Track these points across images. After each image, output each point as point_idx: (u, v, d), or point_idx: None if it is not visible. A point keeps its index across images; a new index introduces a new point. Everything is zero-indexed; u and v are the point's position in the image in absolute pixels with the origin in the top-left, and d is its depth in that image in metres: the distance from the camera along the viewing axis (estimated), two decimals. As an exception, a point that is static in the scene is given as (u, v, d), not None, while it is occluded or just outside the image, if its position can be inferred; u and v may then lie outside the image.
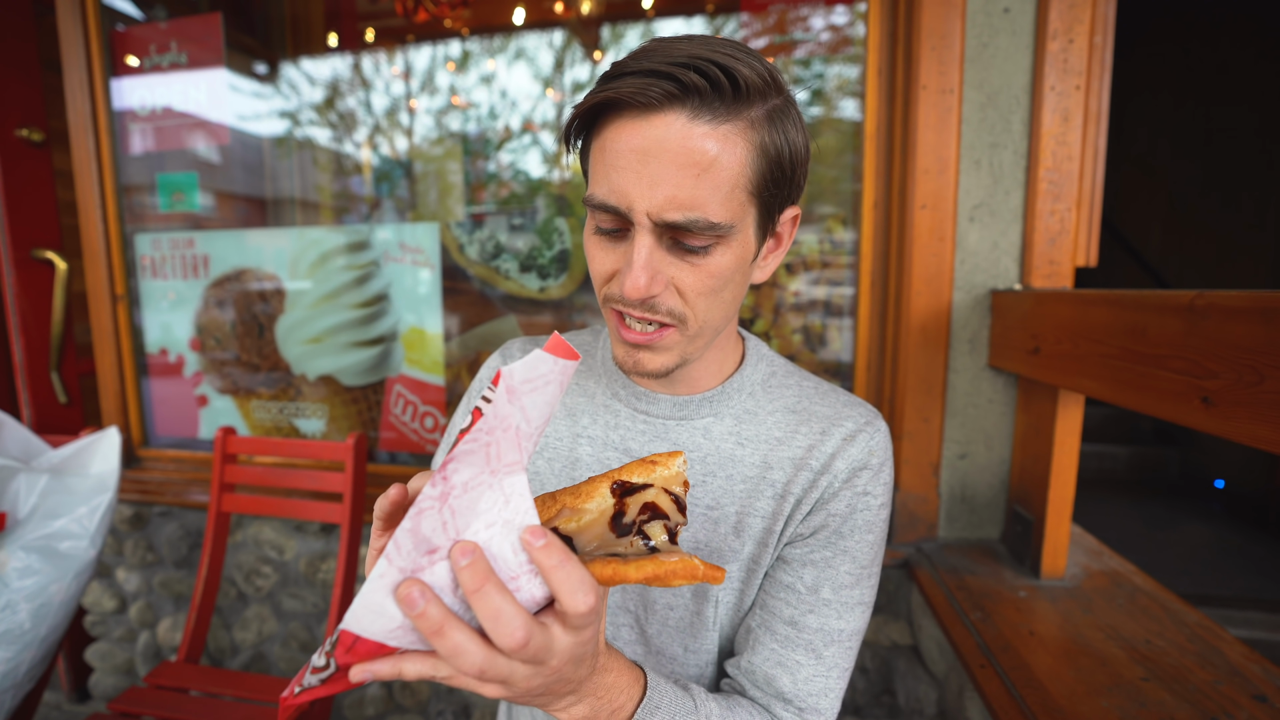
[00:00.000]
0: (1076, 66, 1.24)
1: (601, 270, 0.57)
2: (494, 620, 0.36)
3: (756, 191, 0.54)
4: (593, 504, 0.44)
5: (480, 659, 0.37)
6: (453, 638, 0.36)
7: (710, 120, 0.50)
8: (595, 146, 0.55)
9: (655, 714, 0.50)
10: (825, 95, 1.49)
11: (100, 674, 2.00)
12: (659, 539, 0.43)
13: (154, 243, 1.89)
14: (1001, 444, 1.36)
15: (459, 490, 0.35)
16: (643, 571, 0.39)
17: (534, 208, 1.69)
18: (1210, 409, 0.77)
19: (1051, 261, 1.29)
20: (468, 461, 0.35)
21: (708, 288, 0.54)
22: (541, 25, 1.73)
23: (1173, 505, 3.31)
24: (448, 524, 0.35)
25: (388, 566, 0.35)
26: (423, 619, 0.35)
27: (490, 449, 0.35)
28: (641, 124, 0.50)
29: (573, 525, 0.43)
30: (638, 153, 0.50)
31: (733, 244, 0.54)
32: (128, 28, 1.86)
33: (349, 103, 1.87)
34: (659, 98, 0.48)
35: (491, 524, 0.36)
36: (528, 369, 0.35)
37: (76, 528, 1.36)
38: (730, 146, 0.50)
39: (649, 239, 0.52)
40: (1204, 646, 1.01)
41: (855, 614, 0.62)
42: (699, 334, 0.57)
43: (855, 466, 0.61)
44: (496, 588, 0.36)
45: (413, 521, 0.34)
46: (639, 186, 0.50)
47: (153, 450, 1.96)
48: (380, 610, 0.35)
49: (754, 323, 1.57)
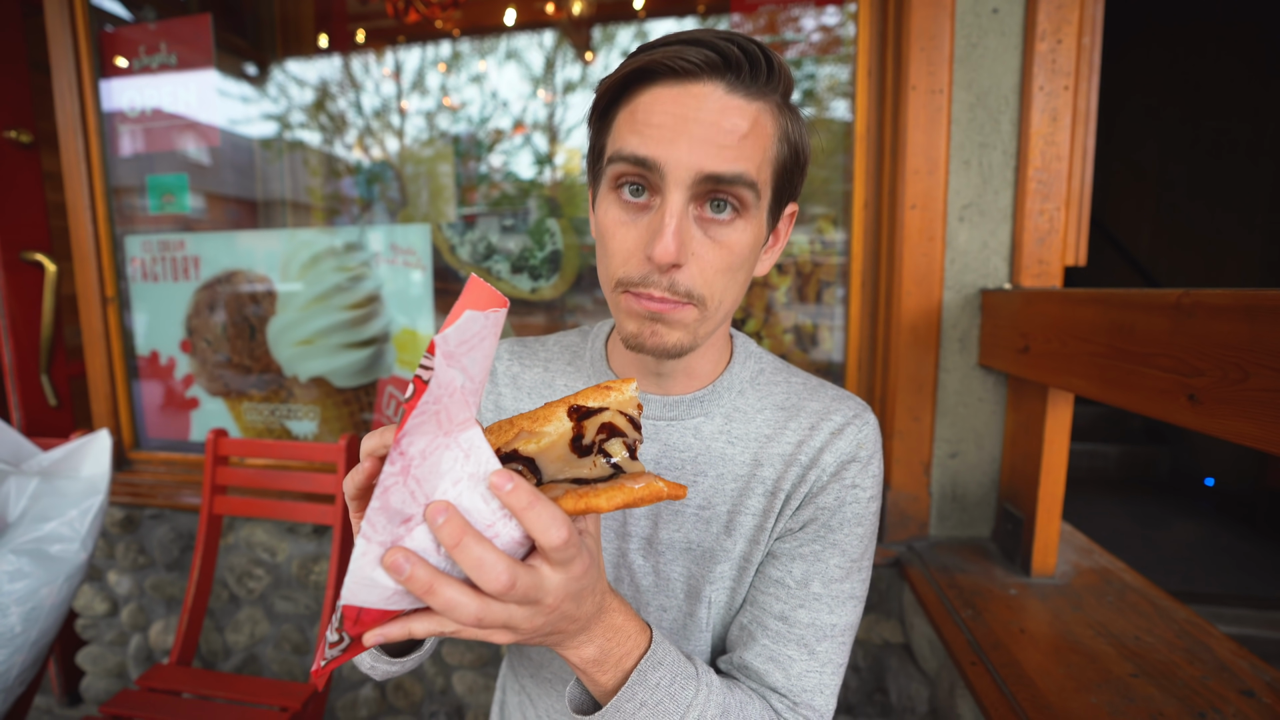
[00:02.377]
0: (1065, 67, 1.24)
1: (621, 247, 0.55)
2: (478, 569, 0.37)
3: (776, 174, 0.55)
4: (550, 427, 0.45)
5: (475, 608, 0.38)
6: (444, 593, 0.37)
7: (745, 95, 0.51)
8: (624, 112, 0.54)
9: (658, 669, 0.50)
10: (816, 96, 1.50)
11: (92, 677, 1.99)
12: (620, 456, 0.43)
13: (144, 244, 1.88)
14: (992, 442, 1.36)
15: (418, 460, 0.36)
16: (613, 501, 0.40)
17: (525, 209, 1.69)
18: (1197, 406, 0.77)
19: (1040, 261, 1.29)
20: (420, 431, 0.35)
21: (727, 264, 0.54)
22: (532, 26, 1.73)
23: (1163, 503, 3.34)
24: (415, 492, 0.36)
25: (367, 544, 0.36)
26: (411, 582, 0.36)
27: (440, 415, 0.36)
28: (679, 90, 0.50)
29: (532, 447, 0.44)
30: (675, 117, 0.50)
31: (751, 221, 0.54)
32: (117, 29, 1.85)
33: (340, 104, 1.87)
34: (700, 65, 0.49)
35: (458, 480, 0.38)
36: (461, 332, 0.35)
37: (67, 531, 1.35)
38: (762, 124, 0.52)
39: (681, 200, 0.51)
40: (1192, 643, 1.02)
41: (847, 608, 0.61)
42: (712, 316, 0.57)
43: (843, 460, 0.61)
44: (474, 538, 0.37)
45: (380, 500, 0.35)
46: (676, 145, 0.50)
47: (144, 453, 1.95)
48: (371, 582, 0.37)
49: (745, 323, 1.57)
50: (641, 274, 0.53)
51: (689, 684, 0.52)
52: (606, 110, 0.56)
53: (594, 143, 0.59)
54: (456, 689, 1.72)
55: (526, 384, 0.71)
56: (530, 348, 0.75)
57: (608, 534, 0.67)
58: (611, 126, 0.55)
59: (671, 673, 0.51)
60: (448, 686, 1.73)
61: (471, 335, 0.36)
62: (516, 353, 0.74)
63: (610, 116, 0.56)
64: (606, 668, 0.49)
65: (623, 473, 0.43)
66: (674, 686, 0.50)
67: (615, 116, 0.55)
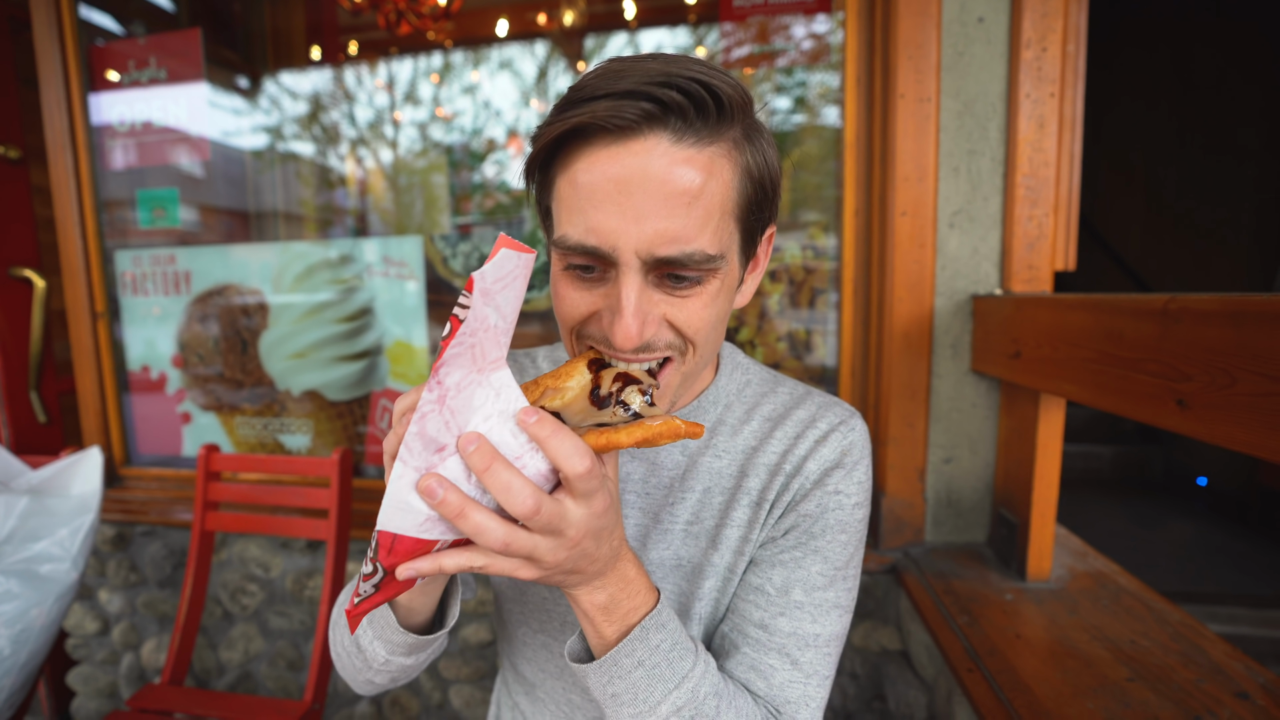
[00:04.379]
0: (1050, 74, 1.26)
1: (574, 313, 0.51)
2: (505, 493, 0.39)
3: (741, 217, 0.51)
4: (573, 381, 0.47)
5: (502, 533, 0.40)
6: (474, 518, 0.39)
7: (695, 143, 0.45)
8: (563, 181, 0.49)
9: (661, 630, 0.51)
10: (807, 103, 1.51)
11: (83, 698, 1.96)
12: (638, 403, 0.45)
13: (135, 259, 1.88)
14: (985, 448, 1.37)
15: (453, 391, 0.38)
16: (632, 436, 0.43)
17: (519, 219, 1.70)
18: (1185, 411, 0.78)
19: (1030, 266, 1.30)
20: (456, 364, 0.38)
21: (704, 320, 0.50)
22: (525, 37, 1.74)
23: (1157, 503, 3.36)
24: (449, 423, 0.39)
25: (404, 468, 0.39)
26: (444, 505, 0.39)
27: (475, 349, 0.38)
28: (619, 150, 0.45)
29: (557, 402, 0.46)
30: (617, 183, 0.45)
31: (720, 273, 0.50)
32: (106, 43, 1.84)
33: (332, 116, 1.87)
34: (637, 119, 0.44)
35: (489, 416, 0.40)
36: (497, 269, 0.37)
37: (58, 550, 1.34)
38: (717, 171, 0.47)
39: (636, 280, 0.46)
40: (1187, 645, 1.02)
41: (831, 617, 0.59)
42: (698, 362, 0.54)
43: (827, 467, 0.60)
44: (503, 465, 0.39)
45: (418, 425, 0.38)
46: (623, 222, 0.45)
47: (135, 469, 1.93)
48: (406, 506, 0.39)
49: (739, 330, 1.57)
50: (603, 336, 0.50)
51: (687, 655, 0.52)
52: (546, 164, 0.51)
53: (539, 199, 0.54)
54: (453, 703, 1.71)
55: None
56: (520, 362, 0.74)
57: None
58: (553, 187, 0.50)
59: (672, 639, 0.51)
60: (444, 701, 1.72)
61: (506, 273, 0.37)
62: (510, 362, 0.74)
63: (550, 174, 0.50)
64: (614, 618, 0.50)
65: (640, 417, 0.45)
66: (673, 653, 0.51)
67: (555, 178, 0.50)
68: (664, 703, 0.50)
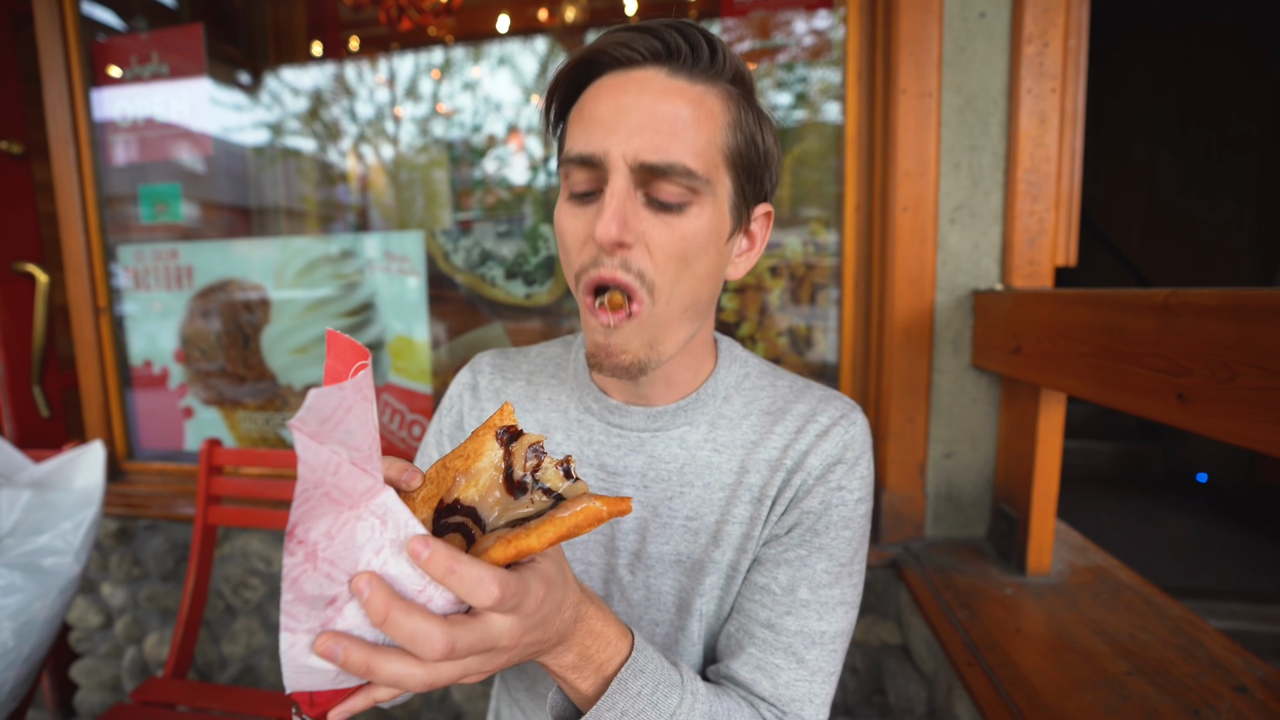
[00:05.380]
0: (1052, 70, 1.26)
1: (575, 237, 0.54)
2: (411, 642, 0.35)
3: (732, 162, 0.54)
4: (484, 460, 0.42)
5: (422, 675, 0.37)
6: (386, 670, 0.36)
7: (687, 78, 0.52)
8: (573, 116, 0.55)
9: (640, 677, 0.49)
10: (808, 99, 1.50)
11: (86, 691, 1.97)
12: (560, 484, 0.41)
13: (137, 254, 1.88)
14: (986, 443, 1.37)
15: (324, 542, 0.33)
16: (544, 538, 0.37)
17: (520, 214, 1.70)
18: (1186, 405, 0.78)
19: (1031, 261, 1.30)
20: (314, 517, 0.32)
21: (678, 250, 0.52)
22: (526, 32, 1.73)
23: (1158, 499, 3.36)
24: (331, 574, 0.34)
25: (293, 636, 0.34)
26: (349, 666, 0.35)
27: (331, 494, 0.32)
28: (621, 79, 0.52)
29: (471, 492, 0.41)
30: (616, 105, 0.51)
31: (706, 208, 0.53)
32: (108, 39, 1.84)
33: (333, 111, 1.87)
34: (642, 53, 0.51)
35: (380, 549, 0.35)
36: (314, 412, 0.31)
37: (60, 543, 1.34)
38: (706, 106, 0.52)
39: (623, 182, 0.51)
40: (1186, 639, 1.03)
41: (837, 615, 0.59)
42: (666, 315, 0.54)
43: (829, 462, 0.60)
44: (401, 610, 0.35)
45: (293, 592, 0.33)
46: (616, 133, 0.50)
47: (138, 463, 1.94)
48: (310, 669, 0.35)
49: (740, 325, 1.58)
50: (593, 257, 0.53)
51: (672, 692, 0.51)
52: (563, 110, 0.57)
53: (558, 149, 0.59)
54: (454, 697, 1.71)
55: (510, 398, 0.70)
56: (513, 360, 0.74)
57: (596, 549, 0.66)
58: (567, 128, 0.56)
59: (654, 681, 0.50)
60: (445, 694, 1.72)
61: (335, 407, 0.32)
62: (499, 365, 0.73)
63: (566, 120, 0.57)
64: (586, 673, 0.48)
65: (562, 499, 0.40)
66: (656, 695, 0.49)
67: (569, 119, 0.56)
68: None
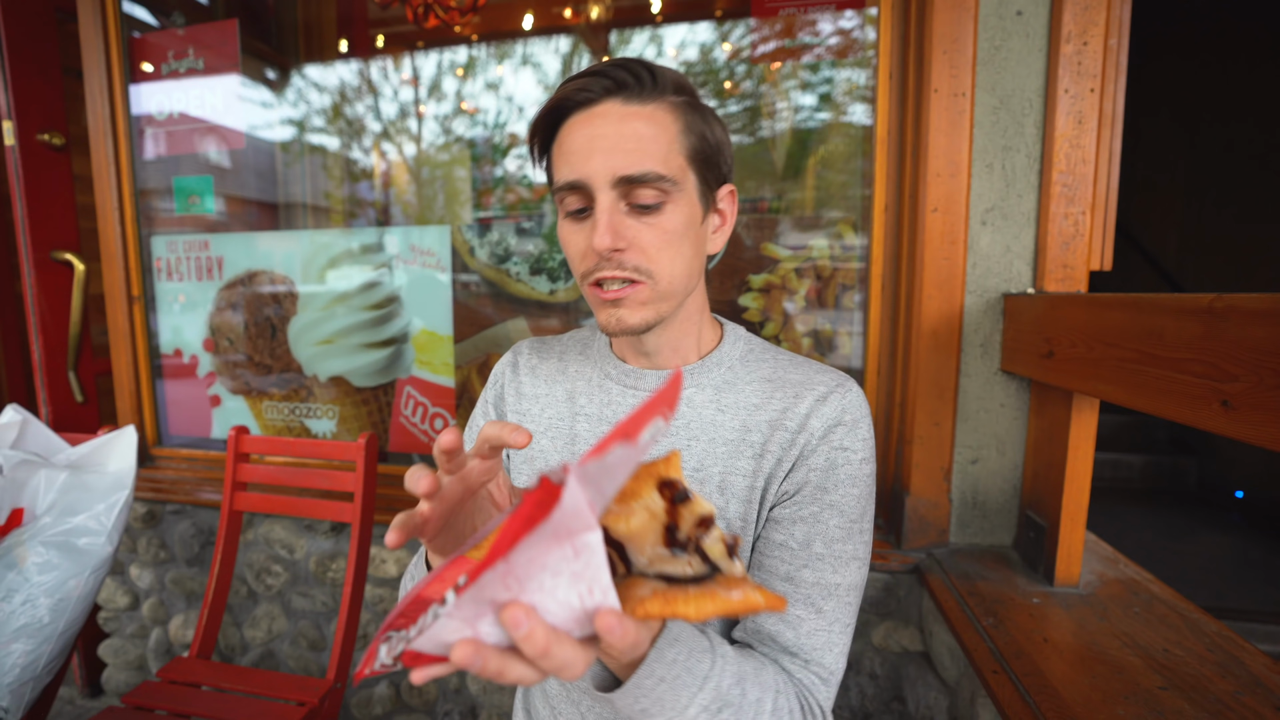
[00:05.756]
0: (1091, 69, 1.23)
1: (576, 250, 0.66)
2: (561, 669, 0.37)
3: (692, 159, 0.65)
4: (639, 503, 0.43)
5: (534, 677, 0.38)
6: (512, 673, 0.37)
7: (639, 103, 0.63)
8: (555, 152, 0.67)
9: (675, 645, 0.51)
10: (833, 100, 1.49)
11: (113, 669, 2.02)
12: (718, 556, 0.40)
13: (169, 244, 1.92)
14: (1014, 449, 1.34)
15: (524, 564, 0.33)
16: (703, 612, 0.37)
17: (540, 213, 1.70)
18: (1230, 412, 0.76)
19: (1065, 265, 1.27)
20: (532, 547, 0.33)
21: (665, 242, 0.64)
22: (550, 31, 1.74)
23: (1190, 515, 3.26)
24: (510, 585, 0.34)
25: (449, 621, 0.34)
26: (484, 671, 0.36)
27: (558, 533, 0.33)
28: (587, 115, 0.63)
29: (623, 528, 0.42)
30: (588, 137, 0.62)
31: (680, 202, 0.64)
32: (145, 35, 1.89)
33: (359, 108, 1.89)
34: (598, 91, 0.63)
35: (558, 574, 0.35)
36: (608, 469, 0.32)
37: (94, 524, 1.38)
38: (659, 120, 0.63)
39: (609, 199, 0.62)
40: (1224, 656, 0.99)
41: (850, 568, 0.66)
42: (669, 291, 0.66)
43: (830, 424, 0.67)
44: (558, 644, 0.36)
45: (476, 590, 0.33)
46: (593, 159, 0.62)
47: (166, 449, 1.98)
48: (444, 647, 0.36)
49: (764, 326, 1.56)
50: (595, 263, 0.65)
51: (704, 657, 0.53)
52: (545, 146, 0.69)
53: (549, 181, 0.71)
54: (470, 688, 1.72)
55: (544, 373, 0.83)
56: (548, 344, 0.88)
57: None
58: (551, 160, 0.68)
59: (688, 648, 0.52)
60: (462, 685, 1.73)
61: (618, 467, 0.33)
62: (536, 348, 0.87)
63: (550, 152, 0.68)
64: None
65: (719, 572, 0.39)
66: (690, 660, 0.52)
67: (551, 152, 0.68)
68: (691, 705, 0.52)
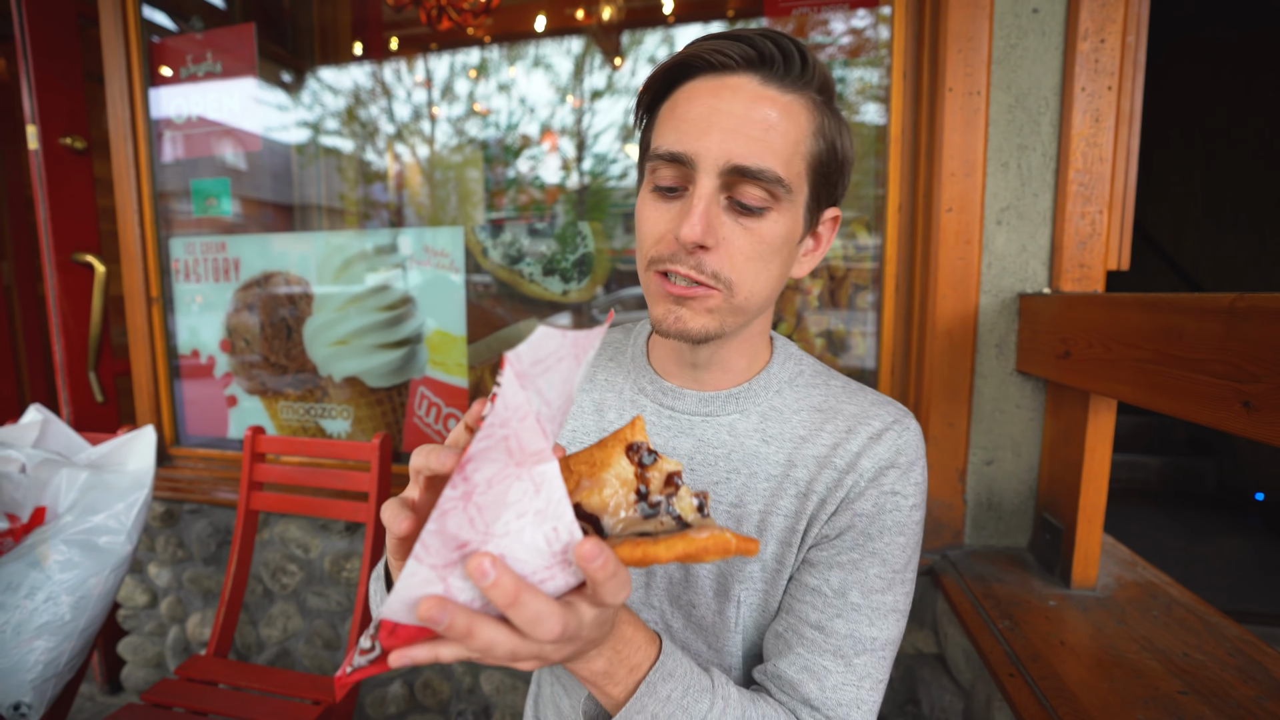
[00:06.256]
0: (1108, 67, 1.21)
1: (653, 230, 0.58)
2: (532, 624, 0.36)
3: (812, 169, 0.57)
4: (610, 472, 0.43)
5: (510, 646, 0.37)
6: (482, 636, 0.36)
7: (778, 87, 0.54)
8: (664, 110, 0.58)
9: (669, 680, 0.49)
10: (847, 100, 1.48)
11: (132, 666, 2.05)
12: (690, 515, 0.41)
13: (187, 247, 1.95)
14: (1030, 450, 1.33)
15: (482, 487, 0.33)
16: (673, 551, 0.37)
17: (553, 214, 1.71)
18: (1252, 413, 0.75)
19: (1082, 265, 1.26)
20: (486, 459, 0.33)
21: (758, 253, 0.55)
22: (562, 32, 1.75)
23: (1208, 517, 3.22)
24: (475, 519, 0.34)
25: (417, 565, 0.34)
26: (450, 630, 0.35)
27: (509, 441, 0.33)
28: (715, 84, 0.54)
29: (595, 500, 0.42)
30: (709, 108, 0.53)
31: (785, 213, 0.56)
32: (164, 39, 1.91)
33: (373, 110, 1.91)
34: (736, 59, 0.53)
35: (523, 514, 0.35)
36: (534, 349, 0.32)
37: (114, 523, 1.40)
38: (794, 115, 0.54)
39: (710, 186, 0.53)
40: (1246, 661, 0.98)
41: (889, 622, 0.59)
42: (744, 305, 0.58)
43: (882, 465, 0.59)
44: (529, 595, 0.36)
45: (438, 523, 0.33)
46: (708, 136, 0.53)
47: (184, 449, 2.00)
48: (414, 605, 0.35)
49: (776, 326, 1.56)
50: (670, 252, 0.56)
51: (703, 696, 0.50)
52: (653, 105, 0.60)
53: (642, 138, 0.62)
54: (484, 688, 1.73)
55: None
56: None
57: None
58: (655, 122, 0.59)
59: (684, 685, 0.50)
60: (475, 685, 1.74)
61: (546, 355, 0.33)
62: None
63: (655, 112, 0.60)
64: (616, 679, 0.48)
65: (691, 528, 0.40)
66: (686, 699, 0.49)
67: (659, 112, 0.59)
68: None
